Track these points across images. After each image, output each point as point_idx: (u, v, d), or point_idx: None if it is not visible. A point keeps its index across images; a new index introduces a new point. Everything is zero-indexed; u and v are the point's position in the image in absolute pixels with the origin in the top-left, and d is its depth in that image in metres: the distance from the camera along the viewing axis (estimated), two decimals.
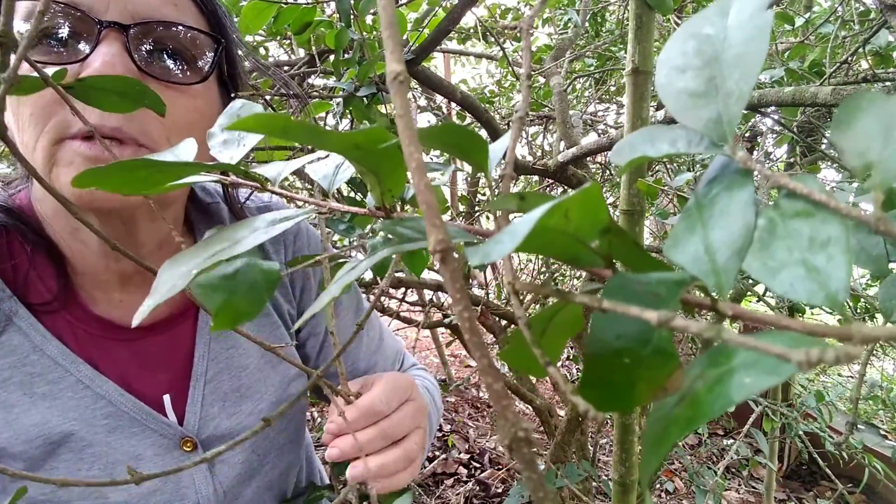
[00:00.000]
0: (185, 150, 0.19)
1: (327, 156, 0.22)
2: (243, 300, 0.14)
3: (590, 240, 0.16)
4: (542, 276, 2.34)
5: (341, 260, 0.49)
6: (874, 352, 1.95)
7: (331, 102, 1.20)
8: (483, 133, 1.69)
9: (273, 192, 0.19)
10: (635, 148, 0.17)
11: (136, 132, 0.48)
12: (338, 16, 1.06)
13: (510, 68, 1.87)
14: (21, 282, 0.54)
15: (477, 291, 2.56)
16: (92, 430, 0.54)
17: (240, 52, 0.61)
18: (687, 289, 0.16)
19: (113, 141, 0.48)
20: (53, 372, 0.53)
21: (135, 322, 0.14)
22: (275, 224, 0.15)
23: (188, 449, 0.58)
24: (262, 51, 1.68)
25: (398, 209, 0.18)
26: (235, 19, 1.00)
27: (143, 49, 0.50)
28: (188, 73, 0.53)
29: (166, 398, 0.59)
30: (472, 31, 2.25)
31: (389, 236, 0.15)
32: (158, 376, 0.59)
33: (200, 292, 0.19)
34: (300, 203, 0.20)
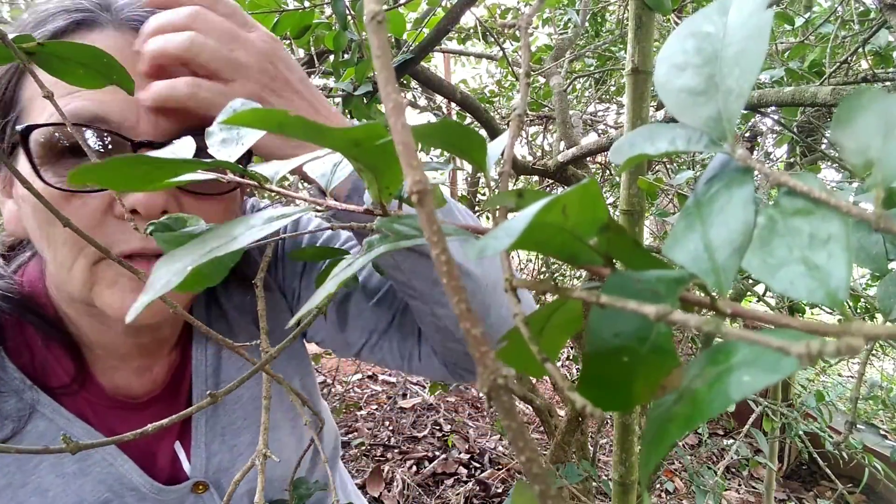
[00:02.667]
0: (184, 148, 0.19)
1: (326, 154, 0.22)
2: (207, 264, 0.14)
3: (588, 237, 0.16)
4: (541, 276, 2.34)
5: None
6: (874, 352, 1.95)
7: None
8: (483, 133, 1.69)
9: (271, 191, 0.18)
10: (634, 146, 0.17)
11: None
12: (335, 18, 1.06)
13: (510, 68, 1.87)
14: (39, 368, 0.55)
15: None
16: (122, 500, 0.56)
17: None
18: (686, 287, 0.16)
19: (156, 259, 0.46)
20: (80, 451, 0.54)
21: (129, 318, 0.14)
22: (271, 221, 0.15)
23: (200, 491, 0.60)
24: None
25: (396, 207, 0.18)
26: None
27: None
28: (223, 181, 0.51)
29: (177, 446, 0.61)
30: (472, 31, 2.25)
31: (387, 233, 0.15)
32: (169, 430, 0.61)
33: (166, 250, 0.20)
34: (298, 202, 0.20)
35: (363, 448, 2.53)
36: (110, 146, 0.45)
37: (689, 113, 0.17)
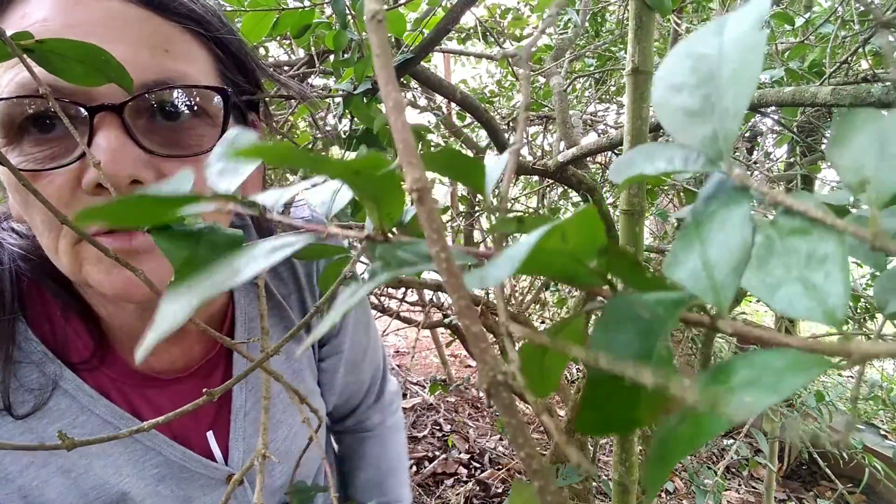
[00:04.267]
0: (181, 181, 0.19)
1: (325, 181, 0.22)
2: (205, 258, 0.14)
3: (588, 260, 0.16)
4: (543, 295, 2.34)
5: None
6: None
7: (326, 101, 1.20)
8: (482, 133, 1.69)
9: (272, 219, 0.19)
10: (633, 166, 0.18)
11: None
12: (335, 17, 1.06)
13: (510, 68, 1.87)
14: (60, 341, 0.53)
15: (477, 291, 2.56)
16: (143, 482, 0.54)
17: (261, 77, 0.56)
18: (685, 307, 0.16)
19: (136, 232, 0.44)
20: (103, 430, 0.53)
21: (138, 359, 0.14)
22: (274, 252, 0.15)
23: None
24: (261, 51, 1.68)
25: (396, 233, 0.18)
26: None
27: (144, 124, 0.44)
28: (204, 136, 0.46)
29: (210, 435, 0.60)
30: (471, 31, 2.25)
31: (389, 262, 0.15)
32: (199, 416, 0.60)
33: (164, 248, 0.20)
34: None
35: None
36: (69, 117, 0.41)
37: (685, 132, 0.17)
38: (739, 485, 2.30)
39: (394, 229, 0.18)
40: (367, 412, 0.85)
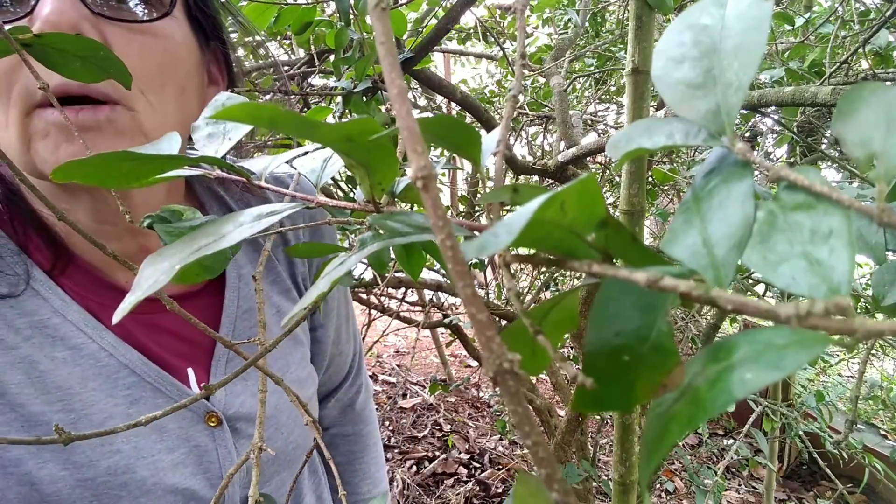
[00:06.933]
0: (169, 144, 0.18)
1: (316, 149, 0.21)
2: (209, 257, 0.14)
3: (586, 233, 0.15)
4: (540, 277, 2.34)
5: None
6: (874, 352, 1.95)
7: (331, 107, 1.20)
8: (482, 133, 1.68)
9: (260, 187, 0.18)
10: (631, 140, 0.17)
11: (107, 88, 0.44)
12: (337, 15, 1.06)
13: (510, 68, 1.87)
14: (24, 249, 0.51)
15: (476, 291, 2.55)
16: (112, 401, 0.51)
17: None
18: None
19: (84, 104, 0.44)
20: (76, 338, 0.50)
21: (115, 320, 0.13)
22: (261, 219, 0.15)
23: (213, 424, 0.56)
24: (261, 51, 1.67)
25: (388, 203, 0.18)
26: None
27: None
28: (149, 10, 0.48)
29: (191, 372, 0.56)
30: (472, 31, 2.25)
31: (379, 231, 0.15)
32: (180, 350, 0.57)
33: (168, 242, 0.19)
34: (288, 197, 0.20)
35: None
36: None
37: (687, 106, 0.16)
38: (739, 485, 2.29)
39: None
40: (350, 390, 0.83)
